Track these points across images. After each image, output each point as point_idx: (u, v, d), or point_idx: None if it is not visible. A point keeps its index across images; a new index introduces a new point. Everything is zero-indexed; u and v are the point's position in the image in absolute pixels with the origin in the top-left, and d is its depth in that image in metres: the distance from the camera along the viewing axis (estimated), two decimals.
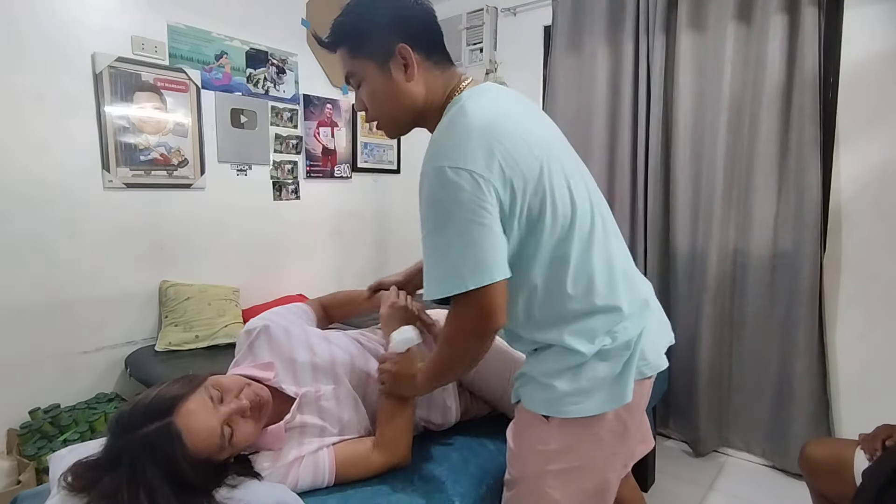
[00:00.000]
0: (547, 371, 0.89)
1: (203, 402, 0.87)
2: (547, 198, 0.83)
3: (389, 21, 0.87)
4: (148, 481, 0.77)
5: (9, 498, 1.26)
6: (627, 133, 2.39)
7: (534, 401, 0.91)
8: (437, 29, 0.92)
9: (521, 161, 0.80)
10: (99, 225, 2.02)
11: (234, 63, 2.40)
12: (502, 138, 0.80)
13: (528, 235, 0.84)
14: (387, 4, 0.88)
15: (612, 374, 0.87)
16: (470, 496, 1.00)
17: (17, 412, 1.85)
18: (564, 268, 0.85)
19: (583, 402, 0.86)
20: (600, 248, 0.88)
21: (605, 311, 0.87)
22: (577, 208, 0.86)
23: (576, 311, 0.87)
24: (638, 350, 0.88)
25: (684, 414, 2.30)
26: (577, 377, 0.86)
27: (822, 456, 1.34)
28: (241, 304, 2.37)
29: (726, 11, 2.09)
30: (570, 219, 0.85)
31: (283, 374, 1.04)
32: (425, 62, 0.89)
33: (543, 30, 2.78)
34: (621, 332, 0.87)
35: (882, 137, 1.89)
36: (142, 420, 0.83)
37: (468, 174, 0.76)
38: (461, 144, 0.79)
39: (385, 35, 0.86)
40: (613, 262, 0.90)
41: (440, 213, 0.79)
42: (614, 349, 0.87)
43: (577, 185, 0.88)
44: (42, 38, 1.84)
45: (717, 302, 2.18)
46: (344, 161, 2.94)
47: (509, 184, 0.79)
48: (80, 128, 1.95)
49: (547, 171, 0.83)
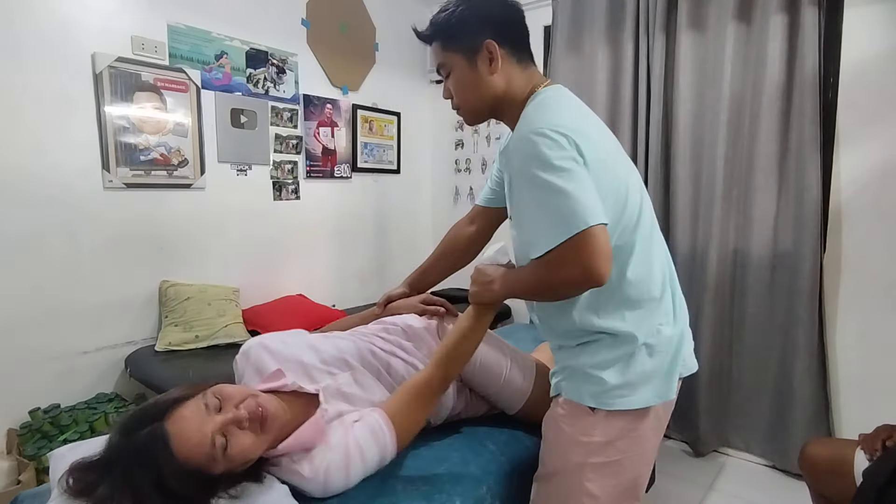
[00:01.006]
0: (597, 363, 0.93)
1: (198, 409, 0.83)
2: (622, 185, 0.92)
3: (480, 19, 0.96)
4: (137, 487, 0.75)
5: (9, 498, 1.26)
6: (627, 133, 2.39)
7: (580, 393, 0.95)
8: (524, 29, 1.01)
9: (605, 143, 0.94)
10: (99, 225, 2.02)
11: (234, 63, 2.40)
12: (590, 119, 0.95)
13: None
14: (480, 3, 0.97)
15: (659, 369, 0.93)
16: (470, 496, 1.00)
17: (17, 412, 1.85)
18: (629, 256, 0.92)
19: (630, 395, 0.92)
20: (658, 246, 0.99)
21: (657, 304, 0.95)
22: (644, 205, 0.96)
23: (633, 297, 0.92)
24: (682, 349, 0.96)
25: (684, 414, 2.30)
26: (626, 370, 0.92)
27: (822, 456, 1.34)
28: (241, 304, 2.36)
29: (726, 11, 2.10)
30: (639, 213, 0.94)
31: (296, 377, 1.02)
32: (509, 58, 0.98)
33: (543, 30, 2.78)
34: (666, 328, 0.95)
35: (882, 137, 1.89)
36: (138, 423, 0.82)
37: (565, 136, 0.83)
38: (558, 114, 0.89)
39: (475, 31, 0.95)
40: (664, 262, 1.00)
41: (542, 169, 0.83)
42: (660, 344, 0.93)
43: (637, 184, 0.98)
44: (42, 38, 1.84)
45: (717, 302, 2.18)
46: (344, 161, 2.94)
47: (594, 157, 0.86)
48: (80, 128, 1.95)
49: (624, 160, 0.97)
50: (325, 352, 1.09)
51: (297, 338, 1.14)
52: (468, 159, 3.28)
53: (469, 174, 3.28)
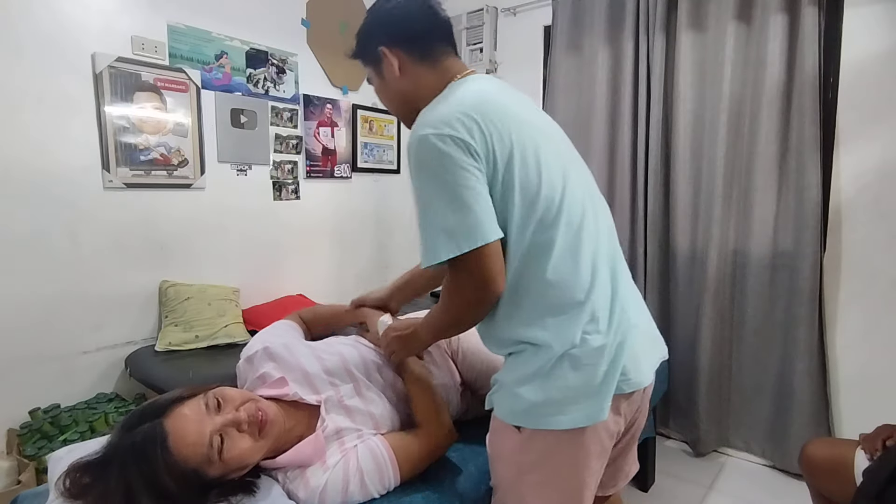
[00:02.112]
0: (517, 378, 0.86)
1: (198, 408, 0.83)
2: (534, 174, 0.83)
3: (373, 28, 0.96)
4: (131, 483, 0.75)
5: (9, 498, 1.26)
6: (627, 133, 2.39)
7: (504, 410, 0.89)
8: (421, 26, 0.94)
9: (505, 135, 0.81)
10: (99, 225, 2.02)
11: (234, 63, 2.40)
12: (486, 109, 0.82)
13: (506, 209, 0.82)
14: (373, 12, 0.97)
15: (588, 385, 0.82)
16: (470, 496, 1.01)
17: (17, 412, 1.85)
18: (547, 254, 0.83)
19: (555, 414, 0.82)
20: (589, 243, 0.86)
21: (579, 309, 0.83)
22: (566, 196, 0.85)
23: (555, 302, 0.84)
24: (620, 361, 0.83)
25: (684, 414, 2.30)
26: (545, 384, 0.82)
27: (822, 456, 1.34)
28: (241, 304, 2.36)
29: (726, 11, 2.09)
30: (559, 205, 0.84)
31: (299, 386, 1.01)
32: (410, 59, 0.93)
33: (543, 30, 2.78)
34: (595, 337, 0.83)
35: (882, 137, 1.89)
36: (137, 420, 0.82)
37: (451, 139, 0.78)
38: (445, 114, 0.81)
39: (371, 41, 0.95)
40: (599, 261, 0.87)
41: (428, 179, 0.81)
42: (585, 356, 0.82)
43: (571, 175, 0.88)
44: (42, 39, 1.84)
45: (717, 302, 2.18)
46: (344, 161, 2.94)
47: (492, 153, 0.80)
48: (80, 128, 1.95)
49: (533, 149, 0.84)
50: (329, 361, 1.07)
51: (299, 343, 1.14)
52: None
53: None
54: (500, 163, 0.81)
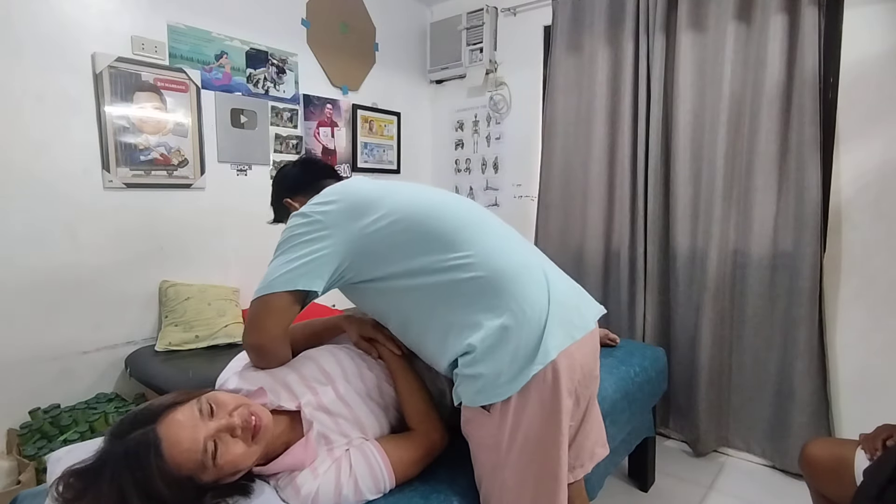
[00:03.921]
0: (467, 362, 0.92)
1: (191, 414, 0.82)
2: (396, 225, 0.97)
3: (276, 193, 1.33)
4: (124, 491, 0.74)
5: (9, 498, 1.26)
6: (627, 133, 2.39)
7: (467, 396, 0.93)
8: (303, 174, 1.30)
9: (360, 206, 0.99)
10: (99, 225, 2.02)
11: (234, 63, 2.40)
12: (341, 192, 1.03)
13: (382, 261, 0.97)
14: (275, 184, 1.35)
15: (529, 342, 0.89)
16: (469, 496, 1.00)
17: (17, 412, 1.85)
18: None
19: (510, 381, 0.89)
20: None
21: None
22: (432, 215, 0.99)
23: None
24: (549, 315, 0.92)
25: (684, 414, 2.30)
26: (494, 357, 0.89)
27: (822, 456, 1.34)
28: (241, 304, 2.36)
29: (726, 11, 2.10)
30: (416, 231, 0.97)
31: (275, 395, 0.99)
32: (301, 197, 1.20)
33: (543, 30, 2.78)
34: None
35: (882, 137, 1.89)
36: (130, 427, 0.81)
37: (300, 216, 1.01)
38: (309, 204, 1.05)
39: (277, 200, 1.31)
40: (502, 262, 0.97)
41: (280, 241, 1.02)
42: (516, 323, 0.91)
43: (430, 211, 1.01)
44: (42, 39, 1.84)
45: (717, 302, 2.18)
46: (344, 161, 2.94)
47: (341, 219, 0.98)
48: (80, 128, 1.95)
49: (406, 193, 1.03)
50: (305, 367, 1.05)
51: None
52: (468, 159, 3.28)
53: (469, 174, 3.28)
54: (343, 231, 0.98)
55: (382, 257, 0.97)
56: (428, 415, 1.06)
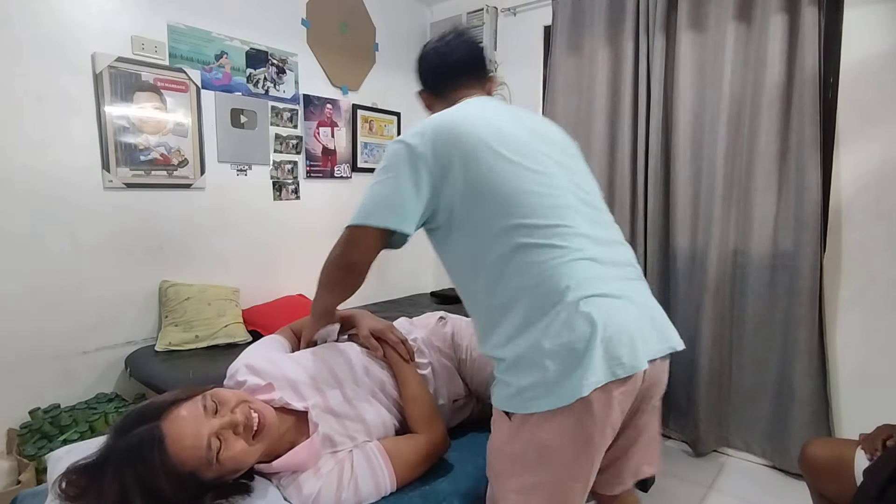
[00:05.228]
0: (506, 366, 0.89)
1: (195, 411, 0.83)
2: (484, 179, 0.93)
3: (417, 78, 1.22)
4: (126, 487, 0.74)
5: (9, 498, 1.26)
6: (627, 133, 2.39)
7: (497, 397, 0.91)
8: (442, 68, 1.16)
9: (446, 150, 0.95)
10: (99, 225, 2.02)
11: (234, 63, 2.40)
12: (441, 129, 0.97)
13: (468, 210, 0.95)
14: (416, 67, 1.21)
15: (569, 366, 0.81)
16: (470, 496, 1.00)
17: (17, 412, 1.85)
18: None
19: (538, 397, 0.83)
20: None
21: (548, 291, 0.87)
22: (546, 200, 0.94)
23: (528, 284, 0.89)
24: (596, 341, 0.81)
25: (684, 414, 2.30)
26: (531, 370, 0.84)
27: (822, 456, 1.34)
28: (241, 304, 2.36)
29: (726, 11, 2.10)
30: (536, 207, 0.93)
31: (284, 392, 1.00)
32: (433, 97, 1.19)
33: (543, 30, 2.78)
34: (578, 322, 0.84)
35: (882, 137, 1.89)
36: (133, 424, 0.81)
37: (403, 145, 0.97)
38: (411, 130, 1.00)
39: (419, 86, 1.22)
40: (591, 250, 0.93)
41: (378, 169, 1.03)
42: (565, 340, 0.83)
43: (553, 174, 0.97)
44: (42, 39, 1.84)
45: (717, 302, 2.18)
46: (344, 161, 2.94)
47: (437, 165, 0.95)
48: (80, 128, 1.95)
49: (474, 160, 0.94)
50: (314, 367, 1.06)
51: (282, 355, 1.13)
52: None
53: None
54: (441, 172, 0.95)
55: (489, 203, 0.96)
56: (431, 418, 1.06)
